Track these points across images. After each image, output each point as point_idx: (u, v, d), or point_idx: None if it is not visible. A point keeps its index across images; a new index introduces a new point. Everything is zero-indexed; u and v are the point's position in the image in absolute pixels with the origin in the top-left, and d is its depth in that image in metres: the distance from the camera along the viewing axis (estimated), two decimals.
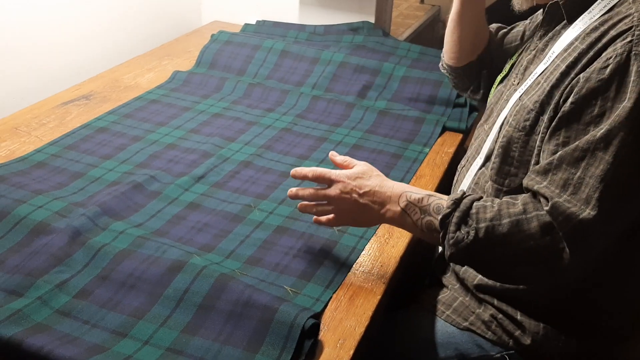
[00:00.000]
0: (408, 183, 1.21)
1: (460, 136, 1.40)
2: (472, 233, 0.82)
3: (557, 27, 0.95)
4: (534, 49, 1.00)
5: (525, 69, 1.00)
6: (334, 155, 0.99)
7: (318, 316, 0.86)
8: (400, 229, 1.06)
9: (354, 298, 0.91)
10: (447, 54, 1.25)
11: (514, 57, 1.11)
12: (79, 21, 1.66)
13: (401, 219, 0.90)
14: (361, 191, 0.92)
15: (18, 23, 1.48)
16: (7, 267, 0.91)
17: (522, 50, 1.09)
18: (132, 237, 0.97)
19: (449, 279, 1.06)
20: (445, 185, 1.21)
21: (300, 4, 1.96)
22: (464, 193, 0.87)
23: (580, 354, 0.94)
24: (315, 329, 0.83)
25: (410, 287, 1.11)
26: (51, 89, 1.56)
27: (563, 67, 0.84)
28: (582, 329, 0.93)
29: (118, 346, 0.80)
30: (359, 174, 0.93)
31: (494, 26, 1.25)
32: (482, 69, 1.23)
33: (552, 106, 0.85)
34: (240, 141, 1.33)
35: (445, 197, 0.89)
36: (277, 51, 1.67)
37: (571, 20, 0.90)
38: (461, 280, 1.02)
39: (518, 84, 0.99)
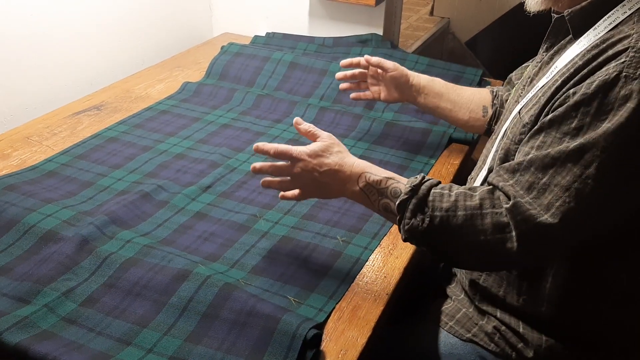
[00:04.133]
0: None
1: (466, 148, 1.40)
2: (427, 221, 0.84)
3: (562, 41, 0.95)
4: (540, 61, 1.00)
5: (531, 81, 1.01)
6: (299, 123, 0.99)
7: (320, 326, 0.87)
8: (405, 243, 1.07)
9: (356, 309, 0.91)
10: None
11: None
12: (92, 33, 1.69)
13: (360, 198, 0.94)
14: (321, 169, 0.93)
15: (32, 35, 1.51)
16: (15, 275, 0.93)
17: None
18: (138, 246, 0.99)
19: (453, 289, 1.06)
20: None
21: (309, 16, 1.98)
22: (423, 178, 0.89)
23: None
24: (317, 339, 0.83)
25: (415, 299, 1.11)
26: (64, 100, 1.59)
27: (560, 82, 0.85)
28: (585, 343, 0.93)
29: (122, 354, 0.81)
30: (320, 152, 0.94)
31: (513, 75, 1.26)
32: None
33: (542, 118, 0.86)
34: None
35: (403, 179, 0.91)
36: (286, 63, 1.69)
37: (577, 35, 0.90)
38: (465, 292, 1.02)
39: (522, 97, 1.00)
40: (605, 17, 0.86)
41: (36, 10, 1.50)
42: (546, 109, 0.85)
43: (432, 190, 0.86)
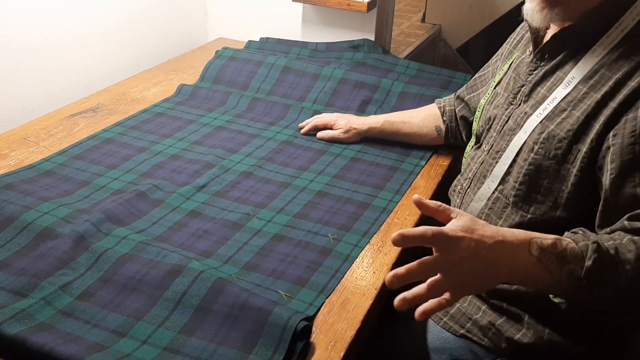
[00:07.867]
0: (403, 194, 1.24)
1: (455, 151, 1.43)
2: (623, 277, 0.77)
3: (566, 52, 0.94)
4: (542, 72, 0.97)
5: (532, 90, 0.98)
6: (421, 199, 0.77)
7: (311, 319, 0.89)
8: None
9: (346, 303, 0.94)
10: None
11: (497, 78, 1.14)
12: (89, 38, 1.71)
13: (535, 270, 0.76)
14: (486, 244, 0.73)
15: (30, 39, 1.53)
16: (13, 270, 0.95)
17: (510, 69, 1.09)
18: (134, 243, 1.01)
19: None
20: (438, 196, 1.24)
21: (302, 21, 2.02)
22: (598, 241, 0.78)
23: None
24: (307, 331, 0.86)
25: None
26: (60, 102, 1.61)
27: (598, 96, 0.85)
28: (588, 337, 0.93)
29: (117, 345, 0.83)
30: (473, 225, 0.75)
31: (463, 92, 1.32)
32: (459, 133, 1.35)
33: (591, 137, 0.85)
34: (242, 153, 1.37)
35: (569, 238, 0.80)
36: (279, 67, 1.72)
37: (587, 45, 0.90)
38: None
39: (531, 107, 0.96)
40: (617, 24, 0.88)
41: (34, 15, 1.53)
42: (596, 128, 0.84)
43: (608, 245, 0.78)
